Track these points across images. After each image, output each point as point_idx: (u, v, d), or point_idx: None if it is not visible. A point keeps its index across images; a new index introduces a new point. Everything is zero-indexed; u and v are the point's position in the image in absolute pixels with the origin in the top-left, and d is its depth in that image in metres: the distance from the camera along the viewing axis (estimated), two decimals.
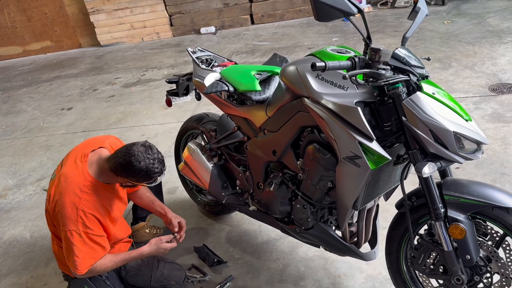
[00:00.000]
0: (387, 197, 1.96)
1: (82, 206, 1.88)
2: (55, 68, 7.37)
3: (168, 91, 2.71)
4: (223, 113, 2.40)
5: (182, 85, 2.66)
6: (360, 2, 7.11)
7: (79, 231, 1.86)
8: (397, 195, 1.79)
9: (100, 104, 5.32)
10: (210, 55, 2.59)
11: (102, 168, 1.96)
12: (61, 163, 2.09)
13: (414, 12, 1.69)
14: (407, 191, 1.70)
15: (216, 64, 2.52)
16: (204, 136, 2.59)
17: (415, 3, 1.71)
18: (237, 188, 2.39)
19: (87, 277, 1.97)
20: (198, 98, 2.62)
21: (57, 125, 4.90)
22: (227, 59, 2.60)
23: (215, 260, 2.45)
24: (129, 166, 1.86)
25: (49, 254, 2.75)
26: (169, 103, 2.71)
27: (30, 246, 2.90)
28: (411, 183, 1.90)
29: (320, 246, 2.07)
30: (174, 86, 2.70)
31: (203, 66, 2.42)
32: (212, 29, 7.56)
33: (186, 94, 2.70)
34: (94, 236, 1.91)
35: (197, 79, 2.37)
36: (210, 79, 2.25)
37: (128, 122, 4.63)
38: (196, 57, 2.52)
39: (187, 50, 2.62)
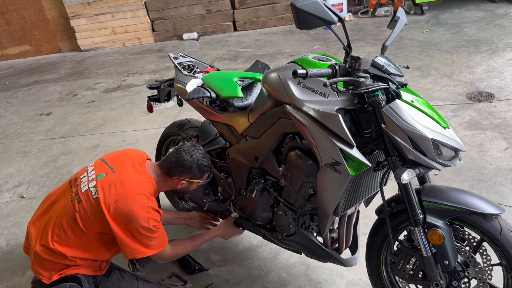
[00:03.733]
0: (367, 203, 1.98)
1: (153, 203, 1.93)
2: (34, 73, 7.24)
3: (149, 97, 2.69)
4: (205, 119, 2.40)
5: (164, 91, 2.64)
6: (341, 11, 7.22)
7: (151, 225, 1.89)
8: (377, 201, 1.81)
9: (80, 109, 5.24)
10: (192, 61, 2.58)
11: (157, 174, 2.04)
12: (104, 163, 2.04)
13: (393, 21, 1.72)
14: (387, 197, 1.72)
15: (198, 70, 2.51)
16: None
17: (395, 12, 1.74)
18: (219, 194, 2.38)
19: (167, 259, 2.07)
20: (180, 104, 2.61)
21: (36, 131, 4.81)
22: (209, 65, 2.60)
23: (196, 267, 2.43)
24: (181, 161, 1.98)
25: (26, 262, 2.68)
26: (150, 109, 2.70)
27: (6, 255, 2.83)
28: (391, 189, 1.92)
29: (302, 253, 2.08)
30: (155, 91, 2.68)
31: (185, 72, 2.42)
32: (194, 35, 7.55)
33: (168, 100, 2.68)
34: (157, 226, 1.93)
35: (179, 85, 2.36)
36: (192, 85, 2.25)
37: (108, 128, 4.57)
38: (178, 63, 2.51)
39: (169, 56, 2.61)
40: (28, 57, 8.42)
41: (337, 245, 2.00)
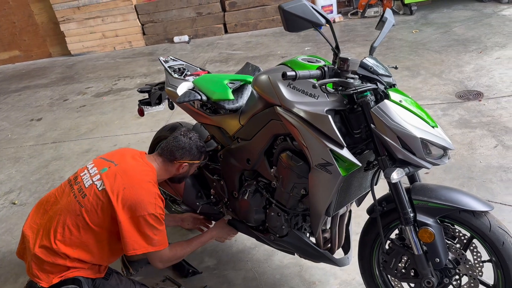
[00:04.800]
0: (359, 203, 1.99)
1: (158, 190, 1.97)
2: (24, 78, 7.20)
3: (140, 101, 2.69)
4: (196, 122, 2.40)
5: (155, 94, 2.64)
6: (331, 12, 7.25)
7: (157, 213, 1.92)
8: (369, 201, 1.83)
9: (71, 114, 5.22)
10: (183, 64, 2.58)
11: (157, 163, 2.10)
12: (103, 160, 2.07)
13: (381, 22, 1.74)
14: (378, 196, 1.73)
15: (188, 73, 2.51)
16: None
17: (383, 13, 1.76)
18: (212, 197, 2.39)
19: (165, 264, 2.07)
20: (171, 107, 2.61)
21: (26, 137, 4.78)
22: (200, 68, 2.61)
23: (190, 271, 2.43)
24: (182, 144, 2.08)
25: (18, 269, 2.67)
26: (141, 113, 2.69)
27: None
28: (383, 188, 1.93)
29: (295, 253, 2.09)
30: (146, 95, 2.68)
31: (176, 75, 2.42)
32: (185, 38, 7.54)
33: (159, 103, 2.68)
34: (163, 217, 1.96)
35: (169, 88, 2.36)
36: (182, 88, 2.25)
37: (100, 132, 4.56)
38: (168, 66, 2.51)
39: (159, 59, 2.61)
40: (18, 62, 8.37)
41: (329, 245, 2.01)
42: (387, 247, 1.79)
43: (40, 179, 3.77)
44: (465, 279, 1.68)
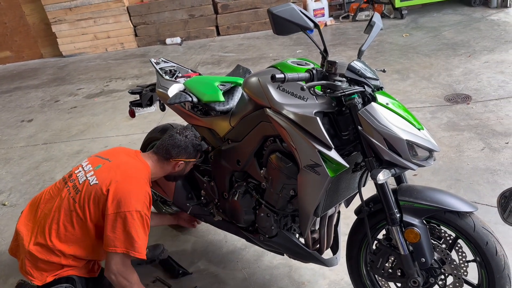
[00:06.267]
0: (347, 204, 2.02)
1: (149, 189, 1.98)
2: (15, 79, 7.15)
3: (131, 102, 2.70)
4: (187, 123, 2.42)
5: (146, 96, 2.65)
6: (323, 16, 7.30)
7: (143, 213, 1.90)
8: (358, 202, 1.85)
9: (62, 115, 5.20)
10: (174, 66, 2.60)
11: (152, 161, 2.11)
12: (98, 157, 2.09)
13: (369, 26, 1.77)
14: (367, 197, 1.76)
15: (180, 75, 2.53)
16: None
17: (371, 17, 1.79)
18: (202, 198, 2.40)
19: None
20: (162, 109, 2.62)
21: (17, 138, 4.75)
22: (191, 70, 2.62)
23: (180, 271, 2.44)
24: (178, 142, 2.11)
25: (8, 270, 2.66)
26: (132, 114, 2.70)
27: None
28: (372, 190, 1.96)
29: (284, 254, 2.11)
30: (137, 97, 2.69)
31: (167, 77, 2.43)
32: (178, 39, 7.55)
33: (150, 104, 2.69)
34: (148, 223, 1.95)
35: (160, 90, 2.38)
36: (173, 90, 2.27)
37: (91, 133, 4.55)
38: (159, 68, 2.53)
39: (151, 61, 2.62)
40: (9, 63, 8.31)
41: (318, 245, 2.03)
42: (374, 247, 1.82)
43: (31, 180, 3.75)
44: (450, 279, 1.71)
